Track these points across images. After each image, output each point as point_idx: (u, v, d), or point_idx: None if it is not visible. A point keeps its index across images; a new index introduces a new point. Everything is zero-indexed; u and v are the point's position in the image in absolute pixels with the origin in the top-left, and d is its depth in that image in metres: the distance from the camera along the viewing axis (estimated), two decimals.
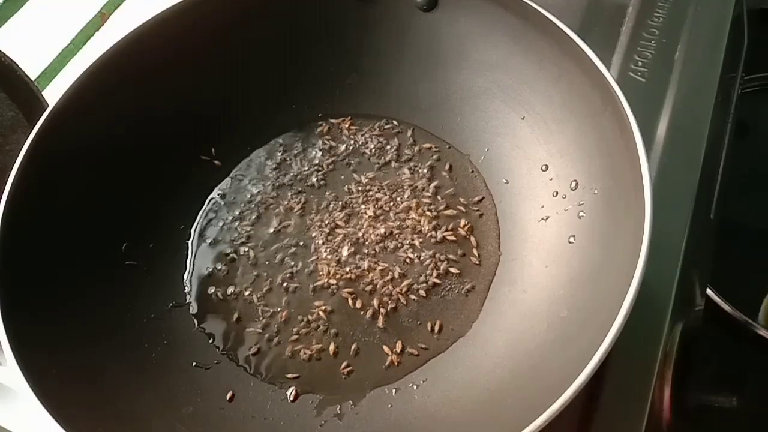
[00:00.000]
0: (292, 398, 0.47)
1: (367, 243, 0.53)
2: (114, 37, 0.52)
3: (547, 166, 0.51)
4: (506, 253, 0.51)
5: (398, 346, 0.48)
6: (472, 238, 0.52)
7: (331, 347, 0.49)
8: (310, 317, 0.50)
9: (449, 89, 0.56)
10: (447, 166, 0.55)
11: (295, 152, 0.58)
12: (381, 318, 0.49)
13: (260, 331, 0.50)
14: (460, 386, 0.45)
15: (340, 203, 0.55)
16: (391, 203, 0.54)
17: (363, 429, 0.45)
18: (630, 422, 0.45)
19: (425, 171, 0.55)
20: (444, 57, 0.56)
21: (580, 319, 0.42)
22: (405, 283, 0.51)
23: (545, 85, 0.51)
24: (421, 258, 0.52)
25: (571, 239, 0.47)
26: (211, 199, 0.56)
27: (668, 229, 0.51)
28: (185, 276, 0.52)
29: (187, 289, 0.52)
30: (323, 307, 0.50)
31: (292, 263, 0.53)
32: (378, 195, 0.55)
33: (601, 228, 0.46)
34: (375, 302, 0.50)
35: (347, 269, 0.52)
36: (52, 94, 0.64)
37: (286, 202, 0.55)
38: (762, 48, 0.68)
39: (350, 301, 0.50)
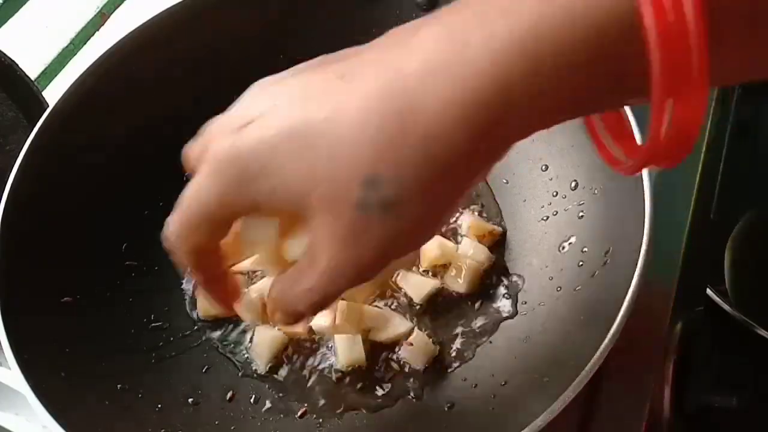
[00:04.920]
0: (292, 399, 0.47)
1: None
2: (114, 37, 0.52)
3: (547, 166, 0.51)
4: (506, 253, 0.51)
5: (397, 348, 0.48)
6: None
7: (333, 351, 0.48)
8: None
9: None
10: None
11: None
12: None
13: None
14: (460, 387, 0.45)
15: None
16: None
17: (363, 430, 0.45)
18: (630, 422, 0.45)
19: None
20: None
21: (579, 319, 0.42)
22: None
23: None
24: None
25: (572, 239, 0.47)
26: None
27: (668, 229, 0.51)
28: (185, 276, 0.52)
29: (186, 290, 0.52)
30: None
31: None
32: None
33: (601, 228, 0.46)
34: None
35: None
36: (52, 94, 0.64)
37: None
38: None
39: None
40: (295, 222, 0.32)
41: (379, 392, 0.46)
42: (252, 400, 0.47)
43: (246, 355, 0.49)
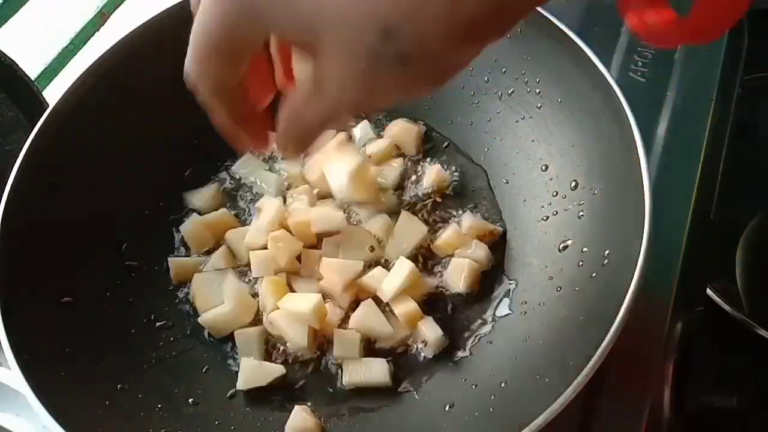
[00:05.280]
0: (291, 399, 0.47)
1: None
2: (114, 37, 0.52)
3: (547, 166, 0.51)
4: (506, 253, 0.51)
5: (397, 349, 0.48)
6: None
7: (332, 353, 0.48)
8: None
9: (449, 90, 0.56)
10: (447, 166, 0.55)
11: None
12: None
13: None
14: (460, 387, 0.45)
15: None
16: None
17: (363, 429, 0.45)
18: (630, 422, 0.45)
19: (425, 171, 0.55)
20: None
21: (580, 318, 0.42)
22: None
23: (545, 85, 0.51)
24: (420, 259, 0.52)
25: (571, 239, 0.47)
26: None
27: (668, 229, 0.51)
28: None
29: (186, 290, 0.52)
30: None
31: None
32: None
33: (601, 228, 0.46)
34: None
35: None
36: (52, 94, 0.64)
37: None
38: (762, 48, 0.68)
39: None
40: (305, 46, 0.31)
41: (381, 393, 0.46)
42: (252, 401, 0.47)
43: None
